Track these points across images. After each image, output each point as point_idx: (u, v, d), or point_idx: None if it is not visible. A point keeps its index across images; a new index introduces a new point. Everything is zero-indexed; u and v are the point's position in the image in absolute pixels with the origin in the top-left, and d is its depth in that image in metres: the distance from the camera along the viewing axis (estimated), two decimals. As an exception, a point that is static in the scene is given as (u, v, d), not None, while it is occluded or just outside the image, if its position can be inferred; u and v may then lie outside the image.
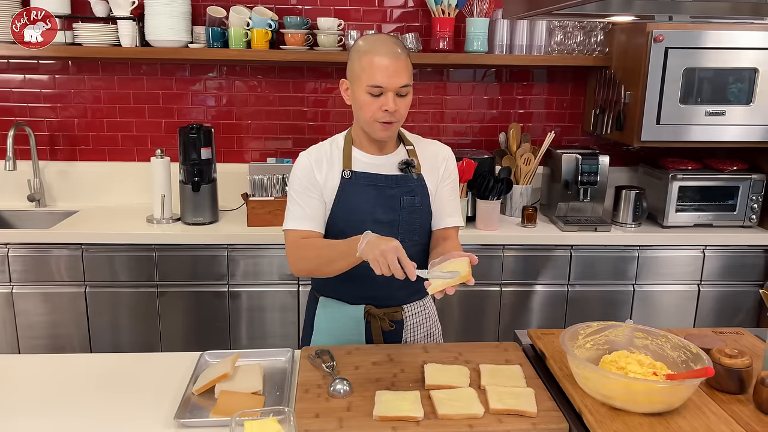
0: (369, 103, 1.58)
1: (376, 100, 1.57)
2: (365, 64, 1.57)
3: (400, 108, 1.59)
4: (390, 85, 1.55)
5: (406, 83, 1.57)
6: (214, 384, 1.45)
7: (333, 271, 1.59)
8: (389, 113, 1.57)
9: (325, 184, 1.67)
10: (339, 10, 3.06)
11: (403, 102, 1.59)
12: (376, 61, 1.55)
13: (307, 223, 1.67)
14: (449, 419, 1.32)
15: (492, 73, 3.20)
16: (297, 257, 1.66)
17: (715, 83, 2.69)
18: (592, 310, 2.87)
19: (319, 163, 1.68)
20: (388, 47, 1.57)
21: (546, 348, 1.56)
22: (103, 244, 2.67)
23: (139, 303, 2.73)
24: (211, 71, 3.10)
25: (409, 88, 1.60)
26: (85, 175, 3.14)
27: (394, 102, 1.56)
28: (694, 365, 1.33)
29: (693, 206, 2.90)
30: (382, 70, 1.55)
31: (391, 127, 1.61)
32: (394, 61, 1.55)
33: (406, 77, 1.57)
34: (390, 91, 1.56)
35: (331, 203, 1.67)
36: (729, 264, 2.88)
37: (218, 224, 2.85)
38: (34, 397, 1.44)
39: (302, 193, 1.68)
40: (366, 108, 1.59)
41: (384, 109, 1.56)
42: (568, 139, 3.30)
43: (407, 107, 1.62)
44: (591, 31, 2.94)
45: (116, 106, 3.11)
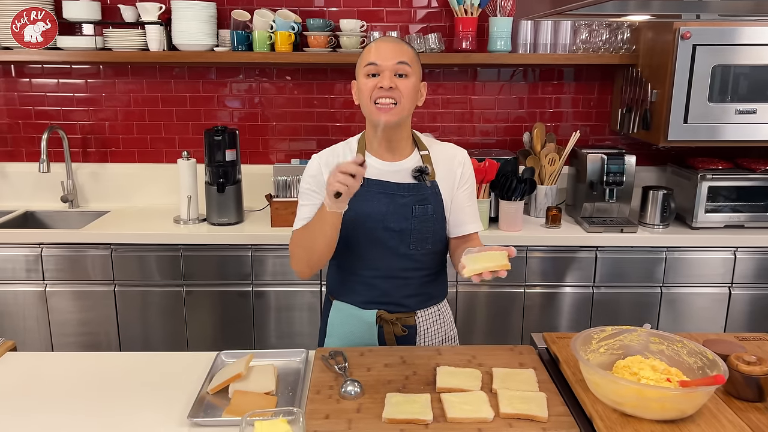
0: (366, 84, 1.58)
1: (372, 79, 1.57)
2: (365, 51, 1.61)
3: (400, 87, 1.56)
4: (385, 62, 1.56)
5: (403, 60, 1.56)
6: (229, 384, 1.48)
7: (321, 244, 1.57)
8: (385, 90, 1.55)
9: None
10: (362, 11, 3.07)
11: (403, 83, 1.56)
12: (373, 45, 1.60)
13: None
14: (458, 422, 1.32)
15: (518, 73, 3.17)
16: (292, 252, 1.67)
17: (746, 80, 2.62)
18: (618, 312, 2.82)
19: (330, 167, 1.65)
20: (390, 38, 1.62)
21: (560, 352, 1.54)
22: (131, 244, 2.74)
23: (166, 302, 2.79)
24: (237, 74, 3.15)
25: (408, 68, 1.57)
26: (115, 177, 3.22)
27: (390, 80, 1.55)
28: (710, 372, 1.30)
29: (724, 207, 2.83)
30: (378, 50, 1.57)
31: (391, 111, 1.57)
32: (391, 44, 1.58)
33: (402, 55, 1.57)
34: (386, 69, 1.55)
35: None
36: (762, 266, 2.80)
37: (243, 225, 2.89)
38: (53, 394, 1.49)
39: (309, 195, 1.68)
40: (364, 90, 1.59)
41: (380, 86, 1.55)
42: (595, 138, 3.25)
43: (410, 89, 1.58)
44: (617, 29, 2.89)
45: (145, 109, 3.18)
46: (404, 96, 1.57)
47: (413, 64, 1.59)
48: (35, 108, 3.17)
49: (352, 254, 1.69)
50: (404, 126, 1.65)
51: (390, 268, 1.67)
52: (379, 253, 1.66)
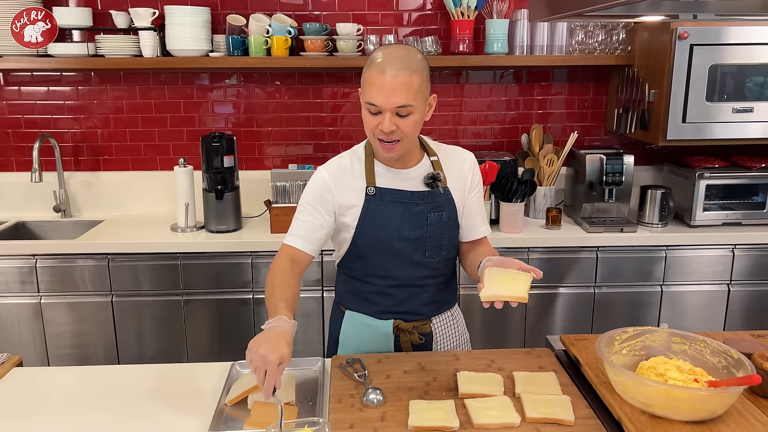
0: (368, 120, 1.52)
1: (374, 117, 1.50)
2: (367, 78, 1.49)
3: (402, 128, 1.49)
4: (385, 105, 1.46)
5: (404, 104, 1.46)
6: (247, 395, 1.45)
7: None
8: (384, 133, 1.50)
9: (348, 202, 1.61)
10: (357, 15, 3.06)
11: (404, 122, 1.49)
12: (375, 78, 1.46)
13: (301, 241, 1.60)
14: (485, 429, 1.30)
15: (510, 74, 3.17)
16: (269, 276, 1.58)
17: (742, 79, 2.64)
18: (619, 312, 2.83)
19: (338, 180, 1.62)
20: (395, 64, 1.46)
21: (580, 354, 1.53)
22: (128, 253, 2.69)
23: (164, 311, 2.75)
24: (231, 79, 3.11)
25: (410, 108, 1.48)
26: (108, 185, 3.17)
27: (391, 122, 1.47)
28: (735, 371, 1.31)
29: (721, 205, 2.85)
30: (379, 89, 1.46)
31: (395, 148, 1.53)
32: (393, 80, 1.45)
33: (404, 97, 1.46)
34: (387, 110, 1.47)
35: (356, 222, 1.61)
36: (759, 263, 2.83)
37: (242, 231, 2.86)
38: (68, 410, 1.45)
39: (308, 209, 1.62)
40: (367, 125, 1.53)
41: (380, 128, 1.50)
42: (590, 138, 3.27)
43: (412, 126, 1.51)
44: (612, 30, 2.91)
45: (138, 116, 3.13)
46: (407, 133, 1.52)
47: (417, 98, 1.48)
48: (24, 116, 3.11)
49: (366, 264, 1.66)
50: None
51: (405, 277, 1.65)
52: (395, 263, 1.64)
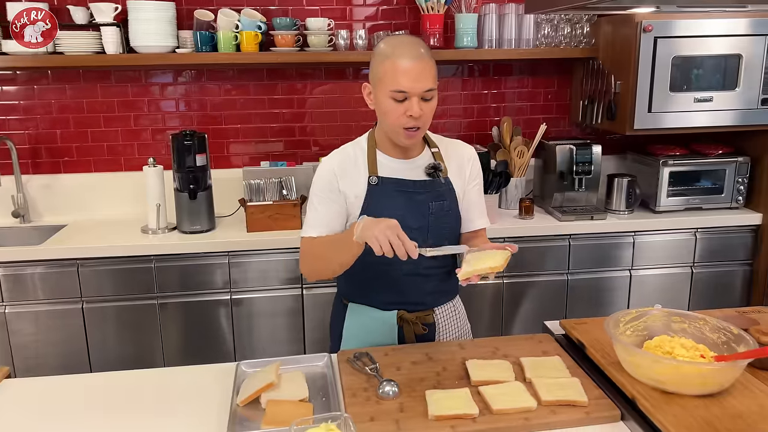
0: (393, 108, 1.54)
1: (400, 105, 1.53)
2: (388, 68, 1.52)
3: (426, 113, 1.54)
4: (414, 90, 1.51)
5: (431, 87, 1.53)
6: (259, 394, 1.43)
7: (339, 265, 1.57)
8: (414, 119, 1.53)
9: (351, 192, 1.64)
10: (325, 9, 3.03)
11: (428, 106, 1.54)
12: (399, 65, 1.50)
13: (322, 229, 1.63)
14: (505, 413, 1.33)
15: (478, 68, 3.22)
16: (305, 259, 1.65)
17: (703, 70, 2.77)
18: (591, 297, 2.92)
19: (343, 170, 1.64)
20: (412, 50, 1.52)
21: (583, 337, 1.58)
22: (99, 257, 2.60)
23: (139, 316, 2.67)
24: (199, 76, 3.04)
25: (434, 92, 1.55)
26: (70, 188, 3.05)
27: (419, 106, 1.52)
28: (736, 346, 1.37)
29: (683, 191, 2.98)
30: (405, 74, 1.50)
31: (417, 134, 1.58)
32: (417, 64, 1.51)
33: (431, 81, 1.53)
34: (414, 95, 1.51)
35: (359, 210, 1.64)
36: (719, 245, 2.97)
37: (216, 231, 2.80)
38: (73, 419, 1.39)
39: (322, 199, 1.65)
40: (390, 114, 1.55)
41: (409, 114, 1.52)
42: (555, 130, 3.35)
43: (432, 111, 1.57)
44: (577, 23, 2.99)
45: (101, 116, 3.02)
46: (428, 119, 1.57)
47: (436, 82, 1.55)
48: (-24, 118, 2.95)
49: (369, 255, 1.66)
50: None
51: (409, 266, 1.65)
52: None
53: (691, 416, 1.23)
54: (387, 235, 1.37)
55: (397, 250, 1.37)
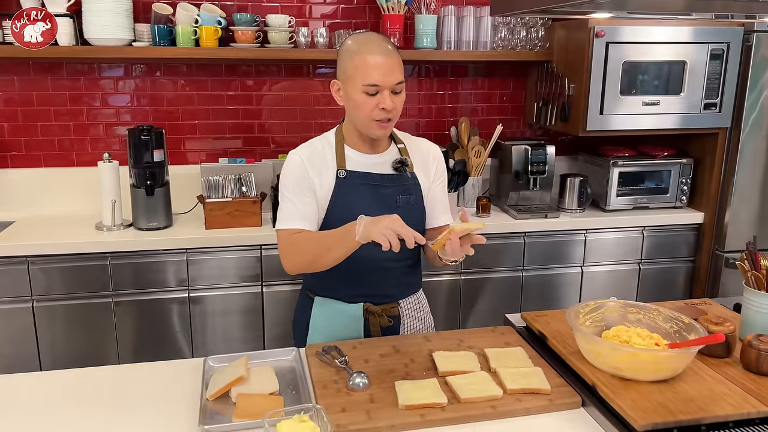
0: (365, 102, 1.58)
1: (372, 98, 1.58)
2: (359, 63, 1.57)
3: (397, 105, 1.61)
4: (386, 83, 1.57)
5: (401, 80, 1.60)
6: (229, 388, 1.43)
7: (330, 260, 1.58)
8: (386, 111, 1.58)
9: (320, 184, 1.66)
10: (286, 6, 3.03)
11: (398, 99, 1.61)
12: (369, 60, 1.56)
13: (300, 221, 1.66)
14: (472, 402, 1.37)
15: (435, 69, 3.27)
16: (291, 252, 1.65)
17: (651, 75, 2.89)
18: (545, 292, 3.01)
19: (312, 162, 1.67)
20: (380, 45, 1.59)
21: (544, 329, 1.64)
22: (51, 255, 2.52)
23: (92, 315, 2.60)
24: (154, 70, 2.99)
25: (403, 85, 1.61)
26: (18, 183, 2.95)
27: (391, 99, 1.58)
28: (687, 334, 1.45)
29: (631, 190, 3.10)
30: (376, 69, 1.56)
31: (389, 125, 1.63)
32: (387, 59, 1.57)
33: (400, 74, 1.59)
34: (386, 88, 1.57)
35: (327, 203, 1.67)
36: (664, 242, 3.11)
37: (173, 228, 2.76)
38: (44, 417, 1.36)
39: (295, 192, 1.66)
40: (363, 107, 1.59)
41: (381, 107, 1.58)
42: (510, 131, 3.43)
43: (402, 103, 1.63)
44: (532, 27, 3.08)
45: (51, 109, 2.93)
46: (398, 111, 1.63)
47: (403, 75, 1.62)
48: None
49: None
50: None
51: (374, 259, 1.68)
52: (364, 246, 1.67)
53: (648, 400, 1.29)
54: (394, 228, 1.41)
55: (407, 240, 1.41)
